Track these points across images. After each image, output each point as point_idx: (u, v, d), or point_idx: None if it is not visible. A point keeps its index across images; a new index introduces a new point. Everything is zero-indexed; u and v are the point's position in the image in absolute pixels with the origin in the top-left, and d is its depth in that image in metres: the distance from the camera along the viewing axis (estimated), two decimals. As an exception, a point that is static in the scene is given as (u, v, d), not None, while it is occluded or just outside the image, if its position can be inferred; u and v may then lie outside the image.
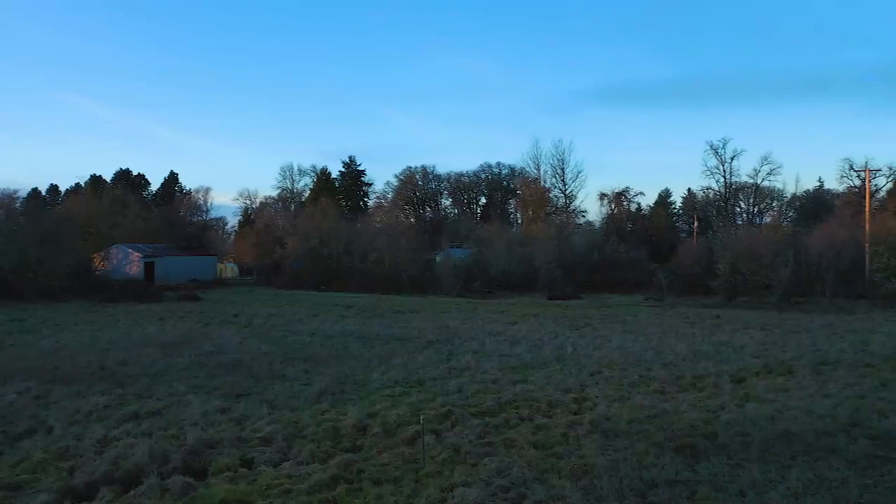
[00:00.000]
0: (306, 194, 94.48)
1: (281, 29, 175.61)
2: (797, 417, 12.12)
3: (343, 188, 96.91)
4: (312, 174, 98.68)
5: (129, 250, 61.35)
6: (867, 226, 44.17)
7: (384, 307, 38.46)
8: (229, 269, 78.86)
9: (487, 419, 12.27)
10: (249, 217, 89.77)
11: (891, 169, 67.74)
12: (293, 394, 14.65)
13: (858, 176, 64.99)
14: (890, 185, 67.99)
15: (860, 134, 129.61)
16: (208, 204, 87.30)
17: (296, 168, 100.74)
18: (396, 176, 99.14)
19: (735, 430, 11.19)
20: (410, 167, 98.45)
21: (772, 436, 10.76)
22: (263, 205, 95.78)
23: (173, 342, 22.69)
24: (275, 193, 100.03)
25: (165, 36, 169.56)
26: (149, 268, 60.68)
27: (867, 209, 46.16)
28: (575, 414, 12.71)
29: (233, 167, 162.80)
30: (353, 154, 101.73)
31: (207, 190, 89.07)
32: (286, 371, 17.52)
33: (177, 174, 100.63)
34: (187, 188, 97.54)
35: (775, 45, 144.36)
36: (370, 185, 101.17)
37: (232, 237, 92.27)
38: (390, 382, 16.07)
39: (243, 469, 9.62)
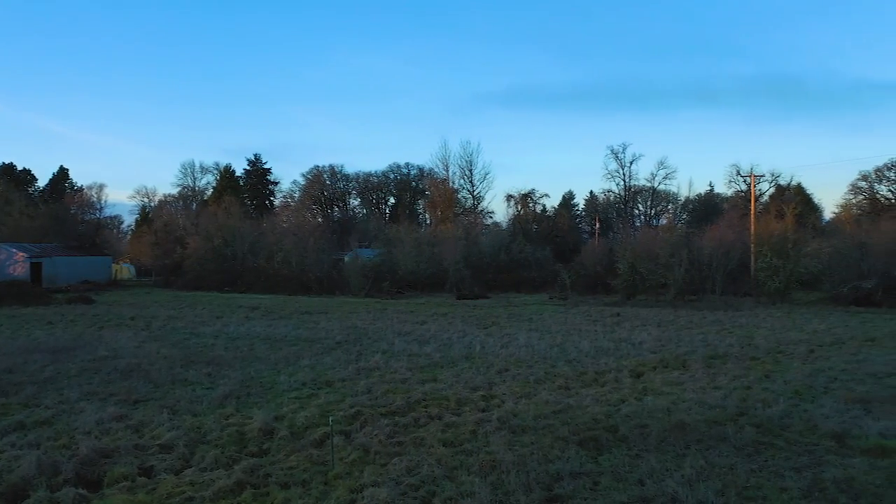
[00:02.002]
0: (209, 192, 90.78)
1: (180, 24, 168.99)
2: (691, 409, 12.83)
3: (248, 187, 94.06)
4: (215, 172, 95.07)
5: (14, 250, 57.53)
6: (752, 227, 47.11)
7: (291, 308, 37.74)
8: (125, 270, 75.11)
9: (397, 419, 12.30)
10: (147, 215, 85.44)
11: (773, 175, 72.74)
12: (195, 398, 14.17)
13: (745, 181, 69.25)
14: (772, 189, 72.83)
15: (746, 141, 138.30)
16: (102, 201, 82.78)
17: (198, 165, 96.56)
18: (304, 175, 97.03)
19: (634, 423, 11.72)
20: (318, 166, 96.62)
21: (668, 427, 11.33)
22: (163, 203, 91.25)
23: (63, 347, 21.44)
24: (175, 191, 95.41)
25: (56, 23, 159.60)
26: (35, 269, 57.12)
27: (752, 212, 49.30)
28: (483, 411, 12.93)
29: (129, 163, 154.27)
30: (258, 152, 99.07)
31: (101, 187, 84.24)
32: (188, 375, 16.92)
33: (67, 170, 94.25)
34: (79, 185, 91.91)
35: (668, 55, 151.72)
36: (276, 183, 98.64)
37: (128, 236, 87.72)
38: (298, 384, 15.82)
39: (142, 478, 9.24)
